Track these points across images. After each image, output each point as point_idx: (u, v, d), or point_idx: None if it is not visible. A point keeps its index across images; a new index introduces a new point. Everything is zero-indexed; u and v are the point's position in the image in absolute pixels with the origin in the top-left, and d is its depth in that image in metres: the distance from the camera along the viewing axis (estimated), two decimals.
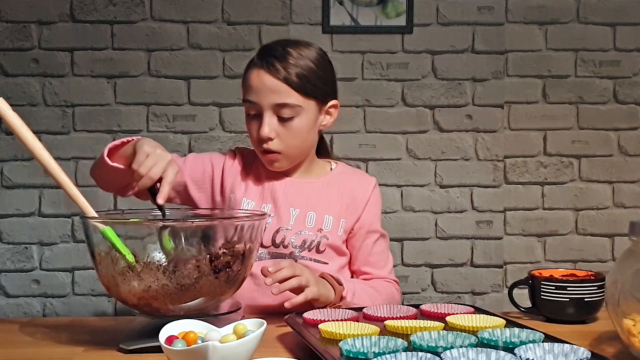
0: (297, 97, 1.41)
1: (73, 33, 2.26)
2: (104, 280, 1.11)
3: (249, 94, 1.43)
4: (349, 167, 1.63)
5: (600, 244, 2.35)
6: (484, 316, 1.14)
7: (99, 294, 2.27)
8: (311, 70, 1.43)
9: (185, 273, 1.07)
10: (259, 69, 1.42)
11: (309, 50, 1.46)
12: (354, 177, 1.58)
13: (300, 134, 1.44)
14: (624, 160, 2.34)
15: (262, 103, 1.41)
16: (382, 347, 0.95)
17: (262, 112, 1.42)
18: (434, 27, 2.30)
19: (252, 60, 1.46)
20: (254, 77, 1.42)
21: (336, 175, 1.56)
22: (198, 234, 1.14)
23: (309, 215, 1.49)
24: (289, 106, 1.41)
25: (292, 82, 1.40)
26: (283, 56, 1.41)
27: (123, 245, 1.07)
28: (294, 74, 1.40)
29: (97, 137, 2.26)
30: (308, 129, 1.45)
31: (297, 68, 1.41)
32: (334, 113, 1.51)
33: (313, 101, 1.44)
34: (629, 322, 0.99)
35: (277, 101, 1.40)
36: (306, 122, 1.44)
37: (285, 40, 1.50)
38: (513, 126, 2.33)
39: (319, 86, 1.44)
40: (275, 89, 1.40)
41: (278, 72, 1.40)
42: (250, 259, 1.16)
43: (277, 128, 1.42)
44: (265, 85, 1.40)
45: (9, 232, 2.27)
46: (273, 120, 1.42)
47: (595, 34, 2.32)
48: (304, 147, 1.48)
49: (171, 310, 1.09)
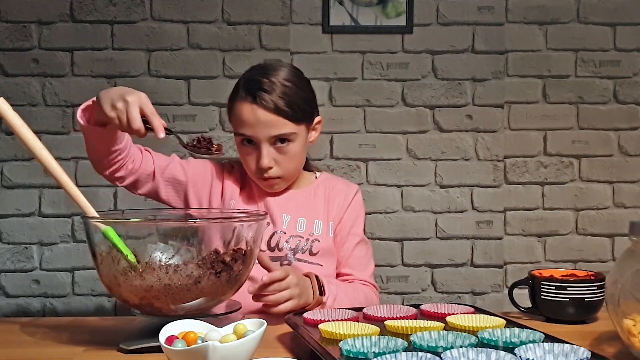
0: (291, 126, 1.47)
1: (73, 33, 2.26)
2: (105, 280, 1.11)
3: (243, 128, 1.47)
4: (332, 175, 1.72)
5: (600, 244, 2.35)
6: (484, 316, 1.14)
7: (99, 293, 2.27)
8: (297, 95, 1.48)
9: (187, 273, 1.07)
10: (250, 104, 1.45)
11: (287, 74, 1.50)
12: (337, 184, 1.66)
13: (296, 157, 1.51)
14: (624, 160, 2.34)
15: (259, 136, 1.46)
16: (382, 347, 0.95)
17: (259, 143, 1.47)
18: (434, 27, 2.30)
19: (237, 94, 1.49)
20: (247, 112, 1.46)
21: (321, 182, 1.64)
22: (199, 234, 1.14)
23: (300, 220, 1.56)
24: (285, 135, 1.47)
25: (285, 113, 1.46)
26: (271, 88, 1.46)
27: (124, 245, 1.07)
28: (284, 104, 1.45)
29: None
30: (302, 151, 1.52)
31: (285, 97, 1.46)
32: (319, 128, 1.60)
33: (304, 125, 1.51)
34: (629, 322, 0.99)
35: (273, 133, 1.46)
36: (300, 145, 1.51)
37: (264, 69, 1.52)
38: (513, 126, 2.33)
39: (306, 109, 1.51)
40: (271, 122, 1.45)
41: (270, 105, 1.44)
42: (251, 259, 1.16)
43: (275, 156, 1.48)
44: (260, 120, 1.45)
45: (9, 232, 2.27)
46: (271, 150, 1.48)
47: (595, 34, 2.32)
48: (298, 167, 1.56)
49: (172, 310, 1.09)
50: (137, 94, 1.23)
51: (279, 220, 1.54)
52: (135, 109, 1.22)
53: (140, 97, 1.23)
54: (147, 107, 1.23)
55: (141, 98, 1.23)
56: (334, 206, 1.59)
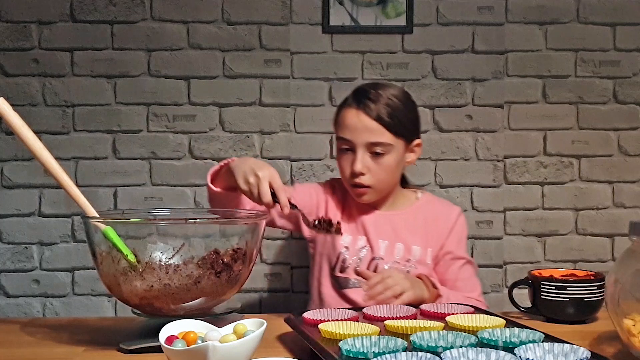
0: (389, 136, 1.54)
1: (73, 33, 2.26)
2: (105, 280, 1.11)
3: (344, 131, 1.56)
4: (434, 196, 1.75)
5: (600, 244, 2.35)
6: (484, 316, 1.14)
7: (99, 294, 2.27)
8: (401, 112, 1.56)
9: (187, 273, 1.07)
10: (356, 109, 1.55)
11: (397, 92, 1.59)
12: (438, 206, 1.69)
13: (389, 170, 1.56)
14: (624, 160, 2.34)
15: (357, 141, 1.54)
16: (382, 347, 0.95)
17: (356, 148, 1.54)
18: (434, 27, 2.30)
19: (345, 101, 1.60)
20: (350, 117, 1.55)
21: (422, 205, 1.67)
22: (199, 234, 1.14)
23: (397, 246, 1.61)
24: (382, 144, 1.53)
25: (386, 122, 1.53)
26: (377, 98, 1.54)
27: (124, 245, 1.08)
28: (386, 114, 1.53)
29: (97, 137, 2.27)
30: (396, 165, 1.57)
31: (388, 108, 1.54)
32: (418, 151, 1.64)
33: (402, 140, 1.57)
34: (629, 322, 0.99)
35: (371, 140, 1.53)
36: (395, 159, 1.56)
37: (374, 84, 1.63)
38: (513, 126, 2.33)
39: (407, 126, 1.58)
40: (370, 128, 1.53)
41: (372, 111, 1.53)
42: (251, 259, 1.16)
43: (369, 164, 1.54)
44: (361, 125, 1.53)
45: (9, 232, 2.27)
46: (366, 157, 1.54)
47: (595, 34, 2.32)
48: (390, 182, 1.60)
49: (173, 310, 1.09)
50: (267, 169, 1.32)
51: (376, 245, 1.59)
52: (266, 184, 1.30)
53: (271, 172, 1.32)
54: (276, 182, 1.31)
55: (271, 173, 1.32)
56: (434, 232, 1.62)
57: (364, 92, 1.57)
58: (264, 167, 1.32)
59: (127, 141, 2.27)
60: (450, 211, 1.67)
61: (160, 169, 2.28)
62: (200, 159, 2.28)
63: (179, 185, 2.28)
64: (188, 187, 2.28)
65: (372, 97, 1.54)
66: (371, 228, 1.61)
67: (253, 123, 2.29)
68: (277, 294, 2.30)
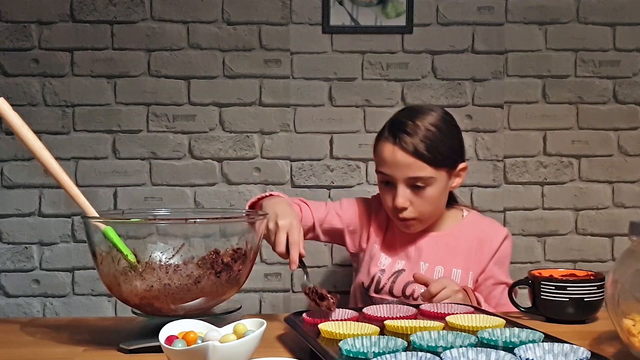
0: (429, 170, 1.47)
1: (73, 33, 2.26)
2: (105, 280, 1.11)
3: (383, 166, 1.50)
4: (480, 215, 1.67)
5: (600, 244, 2.35)
6: (484, 316, 1.14)
7: (99, 294, 2.27)
8: (440, 141, 1.48)
9: (187, 273, 1.07)
10: (392, 145, 1.48)
11: (434, 119, 1.51)
12: (484, 226, 1.62)
13: (433, 201, 1.50)
14: (624, 160, 2.34)
15: (396, 176, 1.48)
16: (382, 347, 0.95)
17: (396, 183, 1.48)
18: (434, 27, 2.30)
19: (382, 133, 1.53)
20: (387, 152, 1.49)
21: (466, 224, 1.61)
22: (199, 234, 1.14)
23: (437, 269, 1.56)
24: (422, 179, 1.47)
25: (424, 156, 1.46)
26: (414, 131, 1.47)
27: (124, 245, 1.08)
28: (424, 148, 1.46)
29: (97, 137, 2.27)
30: (439, 195, 1.51)
31: (427, 141, 1.47)
32: (463, 174, 1.57)
33: (444, 170, 1.50)
34: (629, 322, 0.99)
35: (410, 175, 1.47)
36: (438, 190, 1.50)
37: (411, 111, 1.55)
38: (513, 126, 2.33)
39: (448, 155, 1.50)
40: (408, 164, 1.47)
41: (410, 147, 1.46)
42: (251, 259, 1.16)
43: (410, 197, 1.49)
44: (398, 161, 1.47)
45: (9, 232, 2.27)
46: (407, 191, 1.48)
47: (595, 34, 2.32)
48: (436, 211, 1.55)
49: (172, 310, 1.09)
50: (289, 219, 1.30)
51: (416, 268, 1.55)
52: (283, 235, 1.28)
53: (292, 223, 1.30)
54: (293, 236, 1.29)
55: (292, 224, 1.30)
56: (477, 255, 1.56)
57: (400, 124, 1.50)
58: (286, 216, 1.30)
59: (127, 141, 2.27)
60: (496, 234, 1.60)
61: (160, 169, 2.28)
62: (200, 159, 2.28)
63: (179, 185, 2.28)
64: (188, 187, 2.28)
65: (408, 130, 1.47)
66: (413, 251, 1.57)
67: (253, 123, 2.29)
68: (277, 294, 2.30)
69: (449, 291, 1.35)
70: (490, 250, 1.57)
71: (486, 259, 1.57)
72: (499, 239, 1.59)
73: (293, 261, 1.27)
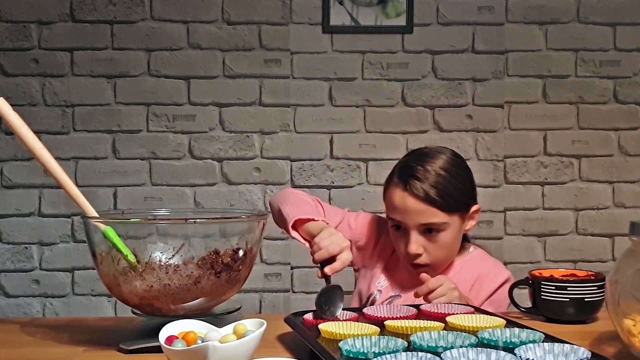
0: (441, 216, 1.43)
1: (73, 33, 2.25)
2: (105, 280, 1.11)
3: (394, 213, 1.46)
4: (485, 254, 1.62)
5: (600, 244, 2.35)
6: (484, 316, 1.14)
7: (99, 294, 2.27)
8: (451, 185, 1.45)
9: (187, 273, 1.07)
10: (402, 192, 1.44)
11: (444, 162, 1.47)
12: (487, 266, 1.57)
13: (447, 246, 1.47)
14: (624, 160, 2.34)
15: (408, 223, 1.44)
16: (382, 347, 0.95)
17: (408, 229, 1.45)
18: (434, 27, 2.30)
19: (391, 179, 1.49)
20: (397, 198, 1.45)
21: (470, 260, 1.57)
22: (199, 234, 1.14)
23: None
24: (435, 224, 1.43)
25: (436, 202, 1.42)
26: (424, 176, 1.43)
27: (124, 245, 1.07)
28: (436, 194, 1.42)
29: (97, 137, 2.27)
30: (454, 240, 1.48)
31: (438, 186, 1.43)
32: (476, 217, 1.53)
33: (456, 215, 1.46)
34: (629, 322, 0.99)
35: (422, 221, 1.43)
36: (452, 235, 1.46)
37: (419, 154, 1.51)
38: (513, 126, 2.33)
39: (460, 200, 1.46)
40: (421, 211, 1.42)
41: (421, 194, 1.42)
42: (251, 259, 1.16)
43: (424, 243, 1.45)
44: (409, 208, 1.43)
45: (9, 232, 2.27)
46: (420, 238, 1.45)
47: (595, 34, 2.32)
48: (450, 256, 1.51)
49: (172, 310, 1.09)
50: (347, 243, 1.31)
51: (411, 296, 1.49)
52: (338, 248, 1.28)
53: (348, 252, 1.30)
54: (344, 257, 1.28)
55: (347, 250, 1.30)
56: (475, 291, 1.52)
57: (409, 169, 1.46)
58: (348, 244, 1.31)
59: (127, 141, 2.27)
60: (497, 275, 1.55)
61: (160, 169, 2.28)
62: (200, 159, 2.28)
63: (178, 185, 2.28)
64: (188, 187, 2.28)
65: (418, 176, 1.43)
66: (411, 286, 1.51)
67: (253, 123, 2.28)
68: (277, 294, 2.30)
69: (446, 288, 1.34)
70: (488, 290, 1.53)
71: (482, 297, 1.52)
72: (499, 280, 1.54)
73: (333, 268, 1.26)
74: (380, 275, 1.57)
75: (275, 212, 1.51)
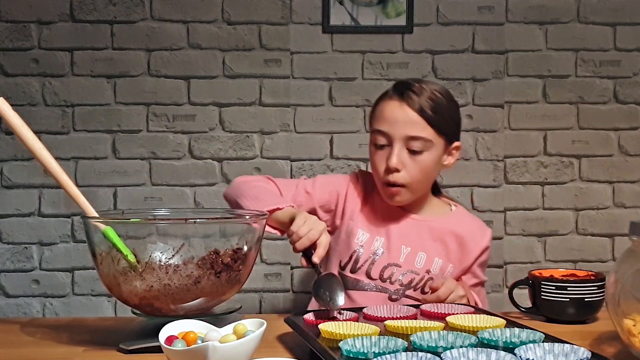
0: (430, 132, 1.44)
1: (73, 33, 2.26)
2: (105, 280, 1.11)
3: (382, 124, 1.46)
4: (467, 212, 1.64)
5: (600, 244, 2.35)
6: (484, 316, 1.14)
7: (99, 294, 2.27)
8: (445, 108, 1.46)
9: (187, 273, 1.07)
10: (398, 102, 1.45)
11: (440, 89, 1.50)
12: (471, 225, 1.58)
13: (426, 169, 1.46)
14: (624, 160, 2.34)
15: (395, 134, 1.44)
16: (382, 347, 0.95)
17: (393, 142, 1.44)
18: (434, 27, 2.30)
19: (386, 94, 1.50)
20: (391, 109, 1.45)
21: (454, 218, 1.57)
22: (199, 234, 1.14)
23: (420, 255, 1.51)
24: (422, 139, 1.43)
25: (428, 116, 1.43)
26: (420, 91, 1.45)
27: (124, 245, 1.07)
28: (430, 108, 1.43)
29: (97, 137, 2.27)
30: (433, 165, 1.47)
31: (432, 102, 1.44)
32: (456, 154, 1.53)
33: (443, 139, 1.47)
34: (629, 322, 0.99)
35: (410, 133, 1.43)
36: (433, 158, 1.46)
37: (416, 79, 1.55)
38: (513, 126, 2.33)
39: (449, 125, 1.48)
40: (413, 122, 1.43)
41: (414, 104, 1.43)
42: (251, 259, 1.16)
43: (405, 160, 1.44)
44: (402, 116, 1.43)
45: (9, 232, 2.27)
46: (403, 153, 1.44)
47: (596, 33, 2.32)
48: (425, 184, 1.50)
49: (172, 310, 1.09)
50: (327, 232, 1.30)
51: (396, 252, 1.50)
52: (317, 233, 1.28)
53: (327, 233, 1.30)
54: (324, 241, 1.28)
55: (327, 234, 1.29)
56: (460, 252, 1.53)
57: (406, 84, 1.48)
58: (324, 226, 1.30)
59: (127, 141, 2.27)
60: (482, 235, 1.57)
61: (160, 169, 2.28)
62: (200, 159, 2.28)
63: (178, 185, 2.28)
64: (188, 187, 2.28)
65: (415, 90, 1.44)
66: (395, 231, 1.51)
67: (253, 123, 2.28)
68: (277, 294, 2.30)
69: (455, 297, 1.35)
70: (476, 251, 1.54)
71: (470, 259, 1.53)
72: (485, 241, 1.56)
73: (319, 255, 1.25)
74: (357, 231, 1.52)
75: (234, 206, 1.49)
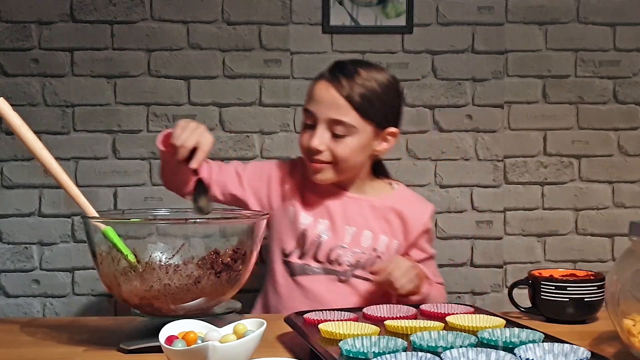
0: (354, 117, 1.42)
1: (73, 33, 2.26)
2: (105, 280, 1.11)
3: (310, 103, 1.46)
4: (409, 190, 1.64)
5: (600, 244, 2.35)
6: (484, 316, 1.14)
7: (99, 294, 2.27)
8: (376, 94, 1.43)
9: (187, 273, 1.07)
10: (327, 82, 1.44)
11: (379, 75, 1.47)
12: (413, 202, 1.59)
13: (349, 153, 1.44)
14: (624, 160, 2.34)
15: (319, 115, 1.43)
16: (382, 347, 0.95)
17: (317, 123, 1.43)
18: (434, 27, 2.30)
19: (322, 73, 1.49)
20: (318, 88, 1.45)
21: (396, 196, 1.57)
22: (199, 234, 1.14)
23: (365, 234, 1.51)
24: (344, 124, 1.42)
25: (354, 101, 1.41)
26: (352, 74, 1.43)
27: (124, 245, 1.08)
28: (357, 94, 1.41)
29: (97, 137, 2.27)
30: (358, 150, 1.45)
31: (362, 88, 1.42)
32: (391, 141, 1.51)
33: (370, 125, 1.44)
34: (629, 322, 0.99)
35: (334, 116, 1.42)
36: (357, 143, 1.44)
37: (359, 61, 1.55)
38: (513, 126, 2.33)
39: (380, 111, 1.45)
40: (337, 105, 1.41)
41: (343, 88, 1.41)
42: (251, 259, 1.16)
43: (327, 142, 1.43)
44: (327, 98, 1.42)
45: (9, 232, 2.27)
46: (325, 135, 1.43)
47: (595, 34, 2.32)
48: (352, 164, 1.47)
49: (172, 310, 1.09)
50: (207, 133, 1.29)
51: (342, 232, 1.49)
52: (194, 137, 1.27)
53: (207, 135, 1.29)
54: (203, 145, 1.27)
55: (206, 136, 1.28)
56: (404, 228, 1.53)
57: (341, 65, 1.46)
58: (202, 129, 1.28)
59: (127, 141, 2.27)
60: (424, 210, 1.57)
61: None
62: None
63: None
64: None
65: (347, 73, 1.42)
66: (338, 212, 1.49)
67: (253, 123, 2.29)
68: None
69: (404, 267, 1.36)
70: (419, 226, 1.54)
71: (415, 234, 1.53)
72: (427, 215, 1.57)
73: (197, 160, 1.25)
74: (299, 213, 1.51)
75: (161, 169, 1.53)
